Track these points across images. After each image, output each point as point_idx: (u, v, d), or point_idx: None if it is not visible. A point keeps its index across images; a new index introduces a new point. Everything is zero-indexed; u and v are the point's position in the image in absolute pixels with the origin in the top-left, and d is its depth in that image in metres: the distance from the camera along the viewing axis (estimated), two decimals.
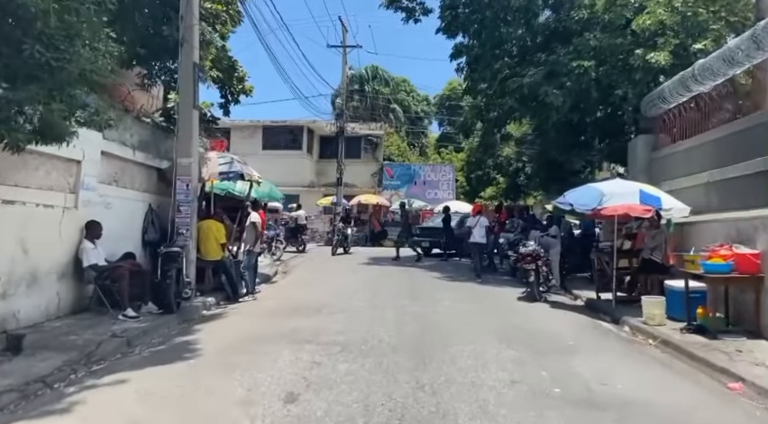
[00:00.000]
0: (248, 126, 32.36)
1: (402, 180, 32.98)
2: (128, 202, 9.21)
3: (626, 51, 12.51)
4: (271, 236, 18.28)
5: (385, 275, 13.55)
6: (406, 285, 11.86)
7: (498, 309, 9.53)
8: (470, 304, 9.90)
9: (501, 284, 12.97)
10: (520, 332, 7.67)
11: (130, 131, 9.00)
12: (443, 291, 11.18)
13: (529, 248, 10.88)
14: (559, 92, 12.75)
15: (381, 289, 11.29)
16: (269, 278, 13.49)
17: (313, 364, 5.57)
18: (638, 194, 9.61)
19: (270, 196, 13.01)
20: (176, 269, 8.23)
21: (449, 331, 7.46)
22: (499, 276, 14.60)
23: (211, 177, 9.96)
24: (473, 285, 12.60)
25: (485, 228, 14.47)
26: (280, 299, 10.12)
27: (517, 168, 33.24)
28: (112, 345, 6.42)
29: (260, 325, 7.78)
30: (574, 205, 10.06)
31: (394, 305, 9.40)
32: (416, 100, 53.48)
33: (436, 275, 13.92)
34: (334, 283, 12.03)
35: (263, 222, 11.03)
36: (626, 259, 10.72)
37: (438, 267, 15.89)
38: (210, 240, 9.76)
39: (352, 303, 9.46)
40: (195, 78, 9.55)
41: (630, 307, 9.89)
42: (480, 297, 10.90)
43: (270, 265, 15.86)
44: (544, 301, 10.71)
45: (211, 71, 11.23)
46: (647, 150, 12.44)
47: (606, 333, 8.32)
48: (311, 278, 13.01)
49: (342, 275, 13.49)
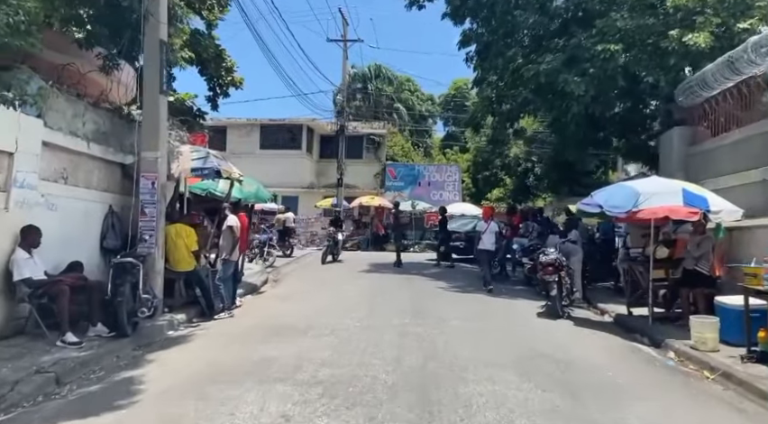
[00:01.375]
0: (245, 125, 31.05)
1: (406, 181, 31.55)
2: (82, 203, 7.83)
3: (657, 33, 11.06)
4: (263, 241, 16.92)
5: (385, 285, 12.13)
6: (408, 298, 10.45)
7: (515, 330, 8.10)
8: (483, 322, 8.47)
9: (515, 295, 11.54)
10: (547, 362, 6.24)
11: (82, 118, 7.62)
12: (450, 306, 9.76)
13: (550, 256, 9.44)
14: (581, 79, 11.32)
15: (380, 302, 9.88)
16: (257, 288, 12.10)
17: (281, 420, 4.16)
18: (681, 193, 8.17)
19: (258, 196, 11.63)
20: (130, 283, 6.85)
21: (460, 362, 6.04)
22: (512, 286, 13.16)
23: (182, 174, 8.59)
24: (484, 297, 11.17)
25: (495, 234, 13.07)
26: (262, 315, 8.72)
27: (526, 168, 31.80)
28: (32, 385, 5.03)
29: (227, 353, 6.38)
30: (604, 206, 8.62)
31: (393, 324, 7.99)
32: (420, 100, 52.13)
33: (442, 285, 12.49)
34: (328, 295, 10.63)
35: (244, 225, 9.65)
36: (661, 270, 9.28)
37: (444, 275, 14.46)
38: (179, 248, 8.38)
39: (345, 322, 8.05)
40: (162, 58, 8.19)
41: (670, 326, 8.49)
42: (492, 312, 9.48)
43: (261, 273, 14.48)
44: (567, 318, 9.29)
45: (182, 51, 9.84)
46: (684, 144, 10.99)
47: (649, 361, 6.89)
48: (302, 289, 11.61)
49: (339, 285, 12.09)
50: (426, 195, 30.49)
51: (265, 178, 29.84)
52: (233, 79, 16.33)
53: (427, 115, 52.03)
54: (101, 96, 8.48)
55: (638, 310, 9.48)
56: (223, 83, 16.41)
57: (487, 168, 35.40)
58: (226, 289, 8.73)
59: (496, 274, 14.13)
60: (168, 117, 12.16)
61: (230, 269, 8.81)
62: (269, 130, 31.13)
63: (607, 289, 12.73)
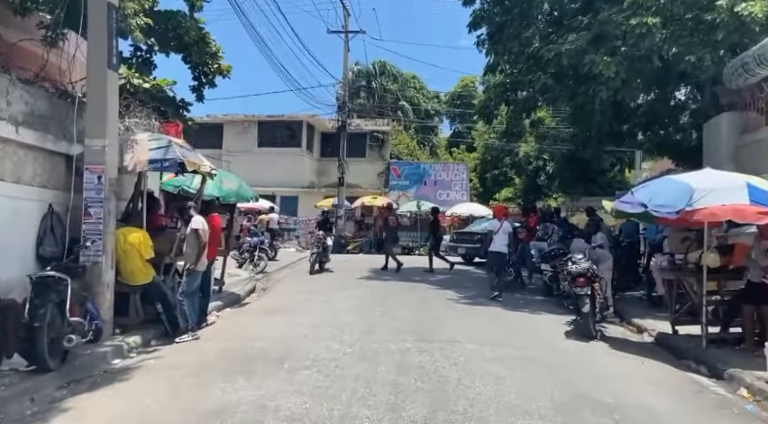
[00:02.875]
0: (242, 121, 29.66)
1: (411, 180, 30.02)
2: (9, 201, 6.36)
3: (701, 5, 9.50)
4: (254, 244, 15.44)
5: (385, 296, 10.62)
6: (410, 312, 8.92)
7: (546, 357, 6.55)
8: (504, 347, 6.92)
9: (535, 308, 10.00)
10: (594, 410, 4.71)
11: (6, 97, 6.16)
12: (460, 323, 8.23)
13: (581, 265, 7.89)
14: (611, 59, 9.77)
15: (377, 319, 8.36)
16: (240, 299, 10.62)
17: None
18: (746, 189, 6.62)
19: (239, 195, 10.13)
20: (54, 303, 5.37)
21: (480, 411, 4.53)
22: (530, 296, 11.61)
23: (137, 166, 7.11)
24: (499, 310, 9.63)
25: (508, 235, 11.56)
26: (234, 337, 7.22)
27: (537, 167, 30.27)
28: None
29: (172, 397, 4.88)
30: (649, 206, 7.06)
31: (391, 350, 6.48)
32: (426, 97, 50.67)
33: (451, 296, 10.96)
34: (317, 310, 9.12)
35: (217, 228, 8.15)
36: (713, 281, 7.72)
37: (451, 283, 12.93)
38: (132, 256, 6.90)
39: (332, 348, 6.54)
40: (110, 24, 6.72)
41: (729, 350, 6.98)
42: (513, 331, 7.94)
43: (248, 280, 13.01)
44: (601, 337, 7.75)
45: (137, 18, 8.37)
46: (734, 132, 9.46)
47: (721, 404, 5.32)
48: (290, 301, 10.09)
49: (332, 295, 10.58)
50: (432, 195, 28.96)
51: (263, 177, 28.76)
52: (219, 67, 14.86)
53: (433, 113, 50.53)
54: (40, 73, 7.03)
55: (684, 328, 7.96)
56: (208, 71, 14.98)
57: (496, 166, 33.85)
58: (191, 305, 7.24)
59: (510, 282, 12.62)
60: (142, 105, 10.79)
61: (195, 281, 7.31)
62: (267, 127, 29.70)
63: (639, 300, 11.18)
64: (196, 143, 33.74)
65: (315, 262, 14.01)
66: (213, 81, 15.16)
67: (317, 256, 14.04)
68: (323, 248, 14.20)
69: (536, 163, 30.02)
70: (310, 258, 14.34)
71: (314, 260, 14.04)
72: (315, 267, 13.93)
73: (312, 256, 14.22)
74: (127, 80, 11.96)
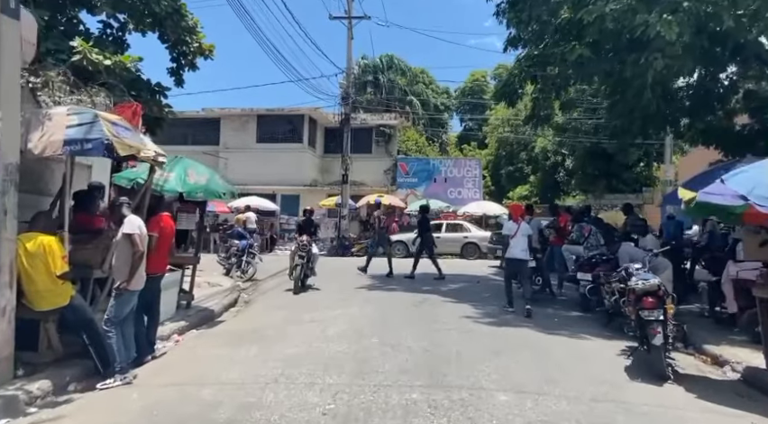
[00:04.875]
0: (240, 115, 27.90)
1: (420, 177, 28.07)
2: None
3: None
4: (242, 248, 13.59)
5: (387, 314, 8.67)
6: (419, 340, 6.95)
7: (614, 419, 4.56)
8: (549, 399, 4.91)
9: (574, 328, 8.02)
10: None
11: None
12: (485, 356, 6.25)
13: (650, 281, 5.89)
14: (672, 17, 7.77)
15: (374, 351, 6.40)
16: (213, 317, 8.77)
17: None
18: None
19: (209, 190, 8.22)
20: None
21: None
22: (564, 311, 9.64)
23: (48, 148, 5.23)
24: (530, 333, 7.66)
25: (528, 238, 9.68)
26: (176, 382, 5.32)
27: (555, 162, 28.16)
28: None
29: None
30: (751, 198, 5.08)
31: (392, 407, 4.54)
32: (435, 92, 48.73)
33: (468, 312, 9.01)
34: (301, 336, 7.17)
35: (167, 232, 6.25)
36: None
37: (469, 294, 10.99)
38: (38, 271, 5.03)
39: (309, 401, 4.62)
40: None
41: None
42: (555, 369, 5.94)
43: (230, 291, 11.15)
44: (675, 376, 5.77)
45: None
46: None
47: None
48: (269, 322, 8.13)
49: (323, 314, 8.66)
50: (443, 192, 27.03)
51: (263, 174, 26.91)
52: (200, 47, 13.02)
53: (443, 108, 48.55)
54: None
55: None
56: (187, 51, 13.14)
57: (511, 162, 31.77)
58: (120, 336, 5.34)
59: (537, 292, 10.67)
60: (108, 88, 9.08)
61: (126, 305, 5.39)
62: (266, 121, 27.89)
63: (698, 316, 9.14)
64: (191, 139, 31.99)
65: (299, 277, 10.88)
66: (193, 63, 13.30)
67: (302, 270, 10.94)
68: (307, 258, 11.10)
69: (554, 158, 27.93)
70: (291, 272, 11.33)
71: (298, 275, 10.88)
72: (298, 285, 10.85)
73: (295, 270, 11.01)
74: (83, 55, 10.15)
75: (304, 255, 11.02)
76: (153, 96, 12.45)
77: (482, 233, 20.78)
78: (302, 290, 10.89)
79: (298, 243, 11.33)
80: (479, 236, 20.37)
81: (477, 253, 20.02)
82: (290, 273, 11.33)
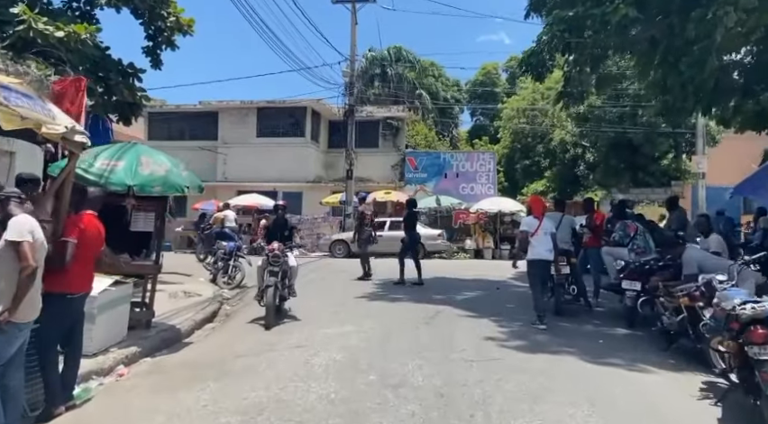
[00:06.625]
0: (239, 108, 26.36)
1: (430, 172, 26.35)
2: None
3: None
4: (229, 251, 11.99)
5: (391, 335, 7.00)
6: (430, 376, 5.28)
7: None
8: None
9: (629, 354, 6.29)
10: None
11: None
12: (522, 406, 4.57)
13: (764, 305, 4.17)
14: None
15: (372, 398, 4.74)
16: (179, 338, 7.16)
17: None
18: None
19: (167, 183, 6.60)
20: None
21: None
22: (605, 327, 7.90)
23: None
24: (574, 362, 5.96)
25: (552, 236, 8.03)
26: None
27: (575, 155, 26.24)
28: None
29: None
30: None
31: None
32: (445, 86, 46.94)
33: (491, 331, 7.31)
34: (276, 370, 5.51)
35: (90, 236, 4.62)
36: None
37: (489, 305, 9.31)
38: None
39: None
40: None
41: None
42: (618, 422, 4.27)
43: (211, 302, 9.55)
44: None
45: None
46: None
47: None
48: (240, 349, 6.44)
49: (310, 335, 6.99)
50: (455, 188, 25.31)
51: (263, 170, 25.27)
52: (177, 21, 11.46)
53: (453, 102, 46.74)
54: None
55: None
56: (164, 26, 11.57)
57: (527, 156, 29.88)
58: (10, 394, 3.72)
59: (569, 301, 8.99)
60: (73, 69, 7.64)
61: (9, 345, 3.72)
62: (267, 114, 26.31)
63: None
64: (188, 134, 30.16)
65: (272, 304, 7.61)
66: (171, 40, 11.75)
67: (275, 292, 7.69)
68: (281, 273, 7.95)
69: (574, 151, 26.01)
70: (260, 295, 8.04)
71: (270, 300, 7.58)
72: (270, 314, 7.58)
73: (266, 293, 7.70)
74: (28, 25, 8.60)
75: (276, 271, 7.84)
76: (125, 79, 10.92)
77: (429, 231, 18.94)
78: (277, 319, 7.79)
79: (267, 253, 8.03)
80: (424, 235, 17.69)
81: (422, 253, 17.24)
82: (259, 298, 8.08)
